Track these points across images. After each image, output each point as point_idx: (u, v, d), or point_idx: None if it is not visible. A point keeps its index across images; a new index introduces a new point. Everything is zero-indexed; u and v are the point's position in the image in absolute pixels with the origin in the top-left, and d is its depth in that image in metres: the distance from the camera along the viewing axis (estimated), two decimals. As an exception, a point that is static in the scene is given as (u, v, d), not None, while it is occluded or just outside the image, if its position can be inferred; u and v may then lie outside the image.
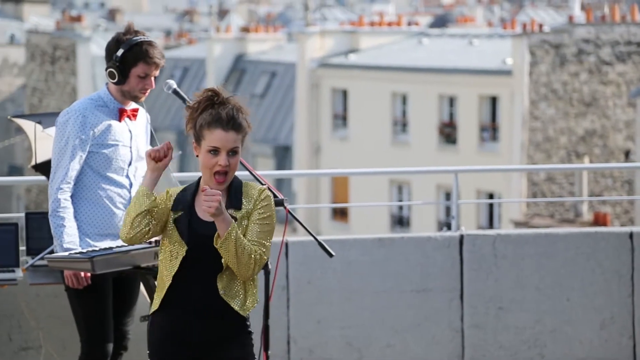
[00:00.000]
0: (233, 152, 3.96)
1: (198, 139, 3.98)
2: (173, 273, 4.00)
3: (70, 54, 39.70)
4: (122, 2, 70.24)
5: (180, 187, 4.06)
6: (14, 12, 57.61)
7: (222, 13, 57.81)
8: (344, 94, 32.89)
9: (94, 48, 39.44)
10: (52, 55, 40.30)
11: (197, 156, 4.00)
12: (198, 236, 3.97)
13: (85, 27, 41.20)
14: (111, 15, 59.42)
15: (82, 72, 39.44)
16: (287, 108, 34.46)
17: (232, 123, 3.96)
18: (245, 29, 39.28)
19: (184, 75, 36.68)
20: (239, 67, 37.21)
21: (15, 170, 41.02)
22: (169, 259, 4.02)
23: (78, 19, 41.84)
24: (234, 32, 38.98)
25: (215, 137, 3.93)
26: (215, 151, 3.94)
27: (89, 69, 39.33)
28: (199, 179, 4.03)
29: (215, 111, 3.95)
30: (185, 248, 3.97)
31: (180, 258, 3.98)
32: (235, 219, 3.97)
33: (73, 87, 39.62)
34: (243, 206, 4.00)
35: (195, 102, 4.00)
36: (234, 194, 4.01)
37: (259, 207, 4.00)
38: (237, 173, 6.63)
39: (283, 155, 33.89)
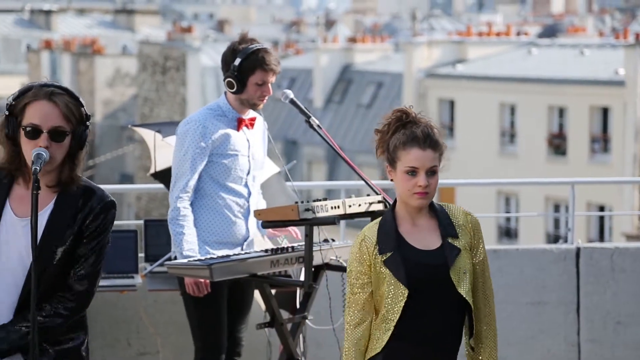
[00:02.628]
0: (432, 171, 3.67)
1: (392, 162, 3.69)
2: (397, 317, 3.65)
3: (181, 65, 40.32)
4: (231, 13, 71.09)
5: (373, 225, 3.75)
6: (126, 23, 58.86)
7: (329, 23, 58.04)
8: (451, 104, 32.70)
9: (203, 58, 40.01)
10: (163, 66, 40.99)
11: (392, 180, 3.72)
12: (419, 271, 3.66)
13: (195, 37, 41.84)
14: (220, 26, 60.23)
15: (192, 82, 40.02)
16: (394, 118, 34.39)
17: (429, 141, 3.67)
18: (352, 39, 39.37)
19: (290, 85, 36.92)
20: (346, 77, 37.29)
21: (126, 179, 41.81)
22: (390, 302, 3.67)
23: (188, 29, 42.51)
24: (340, 43, 39.11)
25: (412, 156, 3.65)
26: (413, 172, 3.66)
27: (199, 79, 39.89)
28: (393, 207, 3.76)
29: (408, 130, 3.68)
30: (407, 292, 3.64)
31: (403, 301, 3.65)
32: (458, 249, 3.69)
33: (183, 97, 40.23)
34: (460, 235, 3.72)
35: (384, 124, 3.74)
36: (443, 218, 3.73)
37: (476, 236, 3.74)
38: (351, 182, 6.65)
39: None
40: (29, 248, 3.53)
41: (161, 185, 5.99)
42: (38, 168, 3.47)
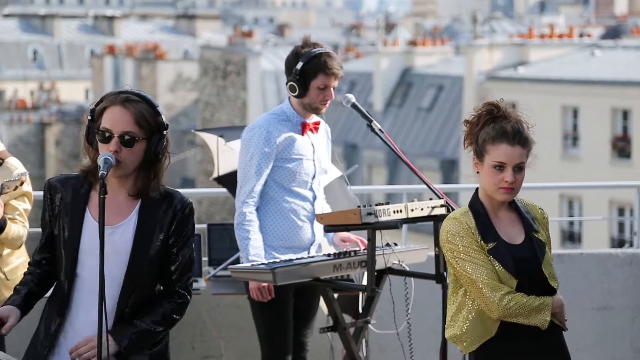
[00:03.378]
0: (519, 167, 3.72)
1: (480, 155, 3.74)
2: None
3: (241, 69, 40.53)
4: (291, 17, 71.33)
5: (464, 211, 3.80)
6: (187, 28, 59.34)
7: (389, 27, 57.94)
8: (513, 107, 32.41)
9: (263, 63, 40.16)
10: (223, 70, 41.23)
11: (477, 172, 3.78)
12: (521, 262, 3.71)
13: (255, 42, 42.02)
14: (280, 30, 60.48)
15: (252, 86, 40.20)
16: (454, 121, 34.23)
17: (519, 137, 3.73)
18: (412, 43, 39.27)
19: (350, 89, 36.90)
20: (406, 80, 37.20)
21: (187, 183, 42.11)
22: None
23: (249, 34, 42.72)
24: (401, 46, 39.02)
25: (501, 152, 3.70)
26: (500, 167, 3.71)
27: (259, 84, 40.05)
28: (479, 200, 3.80)
29: (498, 125, 3.72)
30: (515, 282, 3.69)
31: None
32: (544, 243, 3.77)
33: (243, 101, 40.42)
34: (540, 229, 3.80)
35: (475, 116, 3.79)
36: (524, 212, 3.80)
37: (548, 231, 3.83)
38: (413, 186, 6.63)
39: (449, 169, 33.68)
40: (118, 254, 3.60)
41: (222, 190, 6.02)
42: (105, 173, 3.52)
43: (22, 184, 4.73)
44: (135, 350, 3.62)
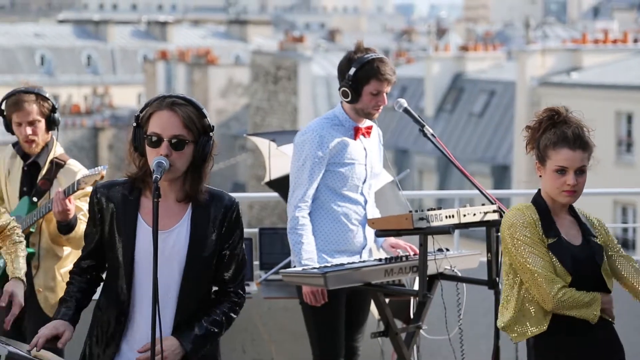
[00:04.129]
0: (580, 171, 3.85)
1: (542, 160, 3.87)
2: None
3: (292, 74, 40.62)
4: (342, 22, 71.39)
5: (530, 207, 3.90)
6: (239, 33, 59.63)
7: (441, 32, 57.79)
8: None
9: (314, 68, 40.22)
10: (274, 75, 41.35)
11: (540, 176, 3.90)
12: (579, 261, 3.85)
13: (306, 47, 42.09)
14: (331, 35, 60.54)
15: (303, 91, 40.27)
16: (506, 127, 34.03)
17: (579, 142, 3.85)
18: (464, 48, 39.10)
19: (402, 94, 36.84)
20: (457, 85, 37.05)
21: (238, 187, 42.28)
22: None
23: (300, 39, 42.81)
24: (452, 51, 38.88)
25: (562, 156, 3.83)
26: (562, 171, 3.84)
27: (310, 89, 40.11)
28: (543, 201, 3.90)
29: (559, 130, 3.85)
30: (570, 278, 3.82)
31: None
32: (601, 246, 3.90)
33: (294, 107, 40.50)
34: (597, 235, 3.93)
35: (536, 122, 3.94)
36: (581, 218, 3.93)
37: (607, 233, 3.93)
38: (465, 191, 6.60)
39: (501, 174, 33.48)
40: (173, 258, 3.62)
41: (273, 194, 6.03)
42: (159, 176, 3.53)
43: (101, 178, 4.80)
44: (198, 352, 3.64)
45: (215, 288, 3.76)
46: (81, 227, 4.99)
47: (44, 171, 5.18)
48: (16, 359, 3.36)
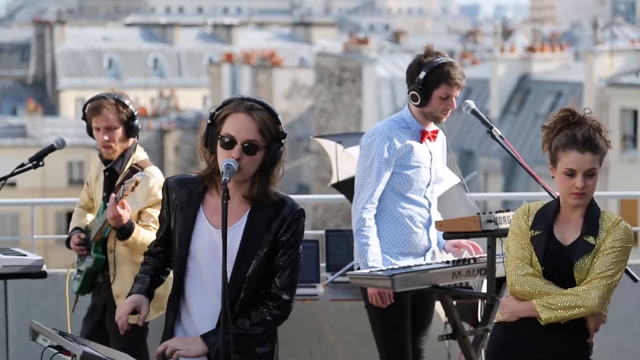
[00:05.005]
0: (590, 174, 3.87)
1: (553, 161, 3.92)
2: None
3: (357, 76, 40.61)
4: (407, 24, 71.21)
5: (541, 203, 4.01)
6: (304, 35, 59.79)
7: (507, 33, 57.35)
8: (634, 114, 31.71)
9: (379, 69, 40.17)
10: (339, 77, 41.37)
11: (553, 177, 3.95)
12: (555, 258, 3.91)
13: (371, 49, 42.03)
14: (396, 37, 60.41)
15: (368, 93, 40.24)
16: (573, 128, 33.67)
17: (589, 144, 3.86)
18: (530, 49, 38.75)
19: (467, 95, 36.64)
20: (524, 87, 36.74)
21: (302, 189, 42.37)
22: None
23: (364, 41, 42.77)
24: (518, 52, 38.57)
25: (571, 159, 3.86)
26: (571, 173, 3.87)
27: (374, 90, 40.07)
28: (558, 199, 3.98)
29: (571, 132, 3.87)
30: (542, 269, 3.92)
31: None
32: (592, 246, 3.90)
33: (359, 108, 40.49)
34: (600, 235, 3.91)
35: (551, 122, 3.95)
36: (590, 219, 3.93)
37: (610, 238, 3.90)
38: (532, 193, 6.54)
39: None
40: (228, 258, 3.61)
41: (337, 196, 6.04)
42: (227, 178, 3.56)
43: (136, 184, 4.83)
44: (229, 352, 3.61)
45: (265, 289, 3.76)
46: (142, 233, 5.02)
47: (121, 177, 5.22)
48: (90, 359, 3.40)
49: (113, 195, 4.97)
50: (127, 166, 5.21)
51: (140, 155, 5.27)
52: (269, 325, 3.69)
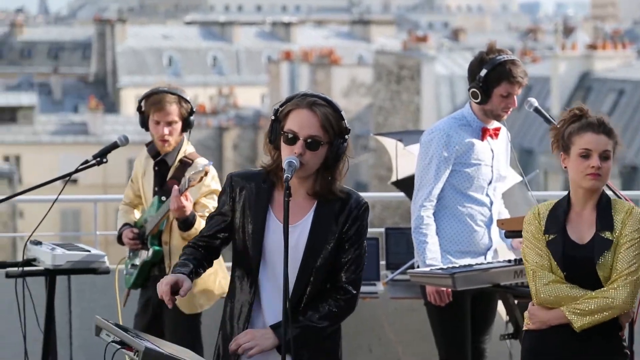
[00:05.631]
0: (605, 156, 3.87)
1: (566, 148, 3.92)
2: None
3: (415, 74, 40.50)
4: (466, 21, 70.82)
5: (550, 203, 3.96)
6: (362, 33, 59.75)
7: (568, 30, 56.79)
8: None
9: (438, 67, 40.03)
10: (397, 75, 41.30)
11: (565, 168, 3.93)
12: (574, 260, 3.87)
13: (430, 47, 41.89)
14: (455, 34, 60.10)
15: (426, 91, 40.11)
16: (635, 127, 33.25)
17: (603, 127, 3.90)
18: (592, 46, 38.35)
19: (527, 93, 36.34)
20: (585, 85, 36.38)
21: (360, 187, 42.34)
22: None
23: (423, 39, 42.64)
24: (579, 50, 38.20)
25: (586, 139, 3.87)
26: (586, 155, 3.87)
27: (433, 88, 39.93)
28: (567, 196, 3.94)
29: (583, 119, 3.92)
30: (563, 275, 3.88)
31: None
32: (610, 241, 3.86)
33: (417, 106, 40.38)
34: (615, 228, 3.88)
35: (560, 121, 3.97)
36: (603, 211, 3.89)
37: (627, 230, 3.85)
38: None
39: (630, 175, 32.73)
40: (295, 252, 3.65)
41: (395, 194, 6.03)
42: (289, 176, 3.57)
43: (206, 174, 4.87)
44: (298, 345, 3.64)
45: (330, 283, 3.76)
46: (202, 224, 5.06)
47: (172, 170, 5.28)
48: (153, 355, 3.42)
49: (176, 187, 5.01)
50: (177, 159, 5.27)
51: (188, 148, 5.33)
52: (335, 319, 3.70)
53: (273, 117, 3.70)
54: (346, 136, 3.68)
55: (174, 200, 4.99)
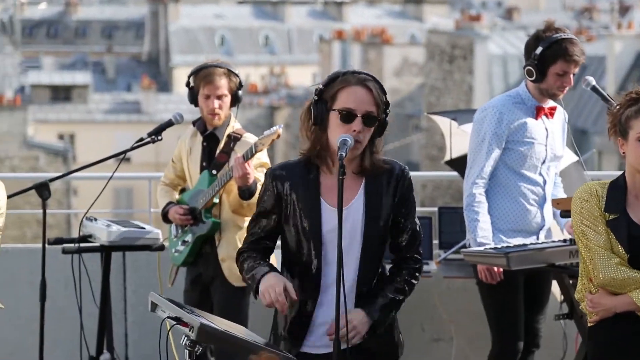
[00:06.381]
0: None
1: (624, 133, 3.77)
2: None
3: (468, 53, 40.22)
4: (519, 0, 70.08)
5: (603, 183, 3.86)
6: (414, 13, 59.41)
7: (623, 9, 56.03)
8: None
9: (491, 47, 39.72)
10: (450, 54, 41.05)
11: (623, 154, 3.81)
12: (635, 240, 3.73)
13: (483, 26, 41.57)
14: (508, 14, 59.55)
15: (479, 70, 39.84)
16: (692, 107, 32.78)
17: None
18: (648, 25, 37.84)
19: (582, 73, 35.89)
20: (640, 64, 35.91)
21: (411, 167, 42.17)
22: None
23: (477, 18, 42.32)
24: (636, 29, 37.69)
25: None
26: None
27: (486, 68, 39.65)
28: (622, 177, 3.85)
29: None
30: (627, 256, 3.73)
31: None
32: None
33: (469, 86, 40.12)
34: None
35: (617, 105, 3.86)
36: None
37: None
38: None
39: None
40: (352, 232, 3.67)
41: (446, 173, 6.02)
42: (344, 154, 3.57)
43: (278, 136, 4.90)
44: (384, 321, 3.69)
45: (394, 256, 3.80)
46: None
47: (221, 145, 5.31)
48: (208, 331, 3.45)
49: (239, 155, 5.04)
50: (226, 134, 5.30)
51: (235, 124, 5.36)
52: (410, 289, 3.78)
53: (316, 98, 3.67)
54: (388, 110, 3.71)
55: (238, 167, 5.01)
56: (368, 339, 3.69)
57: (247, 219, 5.26)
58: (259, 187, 4.98)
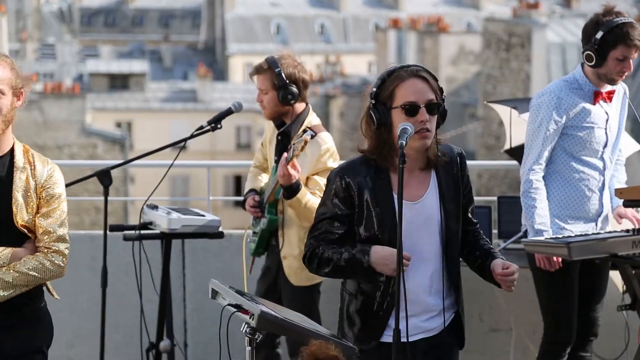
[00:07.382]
0: None
1: None
2: None
3: (526, 41, 39.87)
4: (578, -12, 69.22)
5: None
6: (471, 1, 59.04)
7: (684, -4, 55.15)
8: None
9: (549, 35, 39.33)
10: (507, 43, 40.72)
11: None
12: None
13: (541, 14, 41.17)
14: (567, 1, 58.93)
15: (537, 59, 39.47)
16: None
17: None
18: None
19: (641, 61, 35.51)
20: (702, 52, 35.38)
21: (468, 156, 41.74)
22: None
23: (535, 5, 41.91)
24: (697, 16, 37.08)
25: None
26: None
27: (544, 56, 39.28)
28: None
29: None
30: None
31: None
32: None
33: (527, 74, 39.77)
34: None
35: None
36: None
37: None
38: None
39: None
40: (431, 224, 3.75)
41: (503, 162, 5.97)
42: (404, 142, 3.60)
43: (305, 143, 4.86)
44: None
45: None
46: (308, 196, 5.04)
47: (293, 141, 5.26)
48: (268, 318, 3.46)
49: (284, 155, 5.02)
50: (300, 130, 5.25)
51: (313, 120, 5.31)
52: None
53: (373, 102, 3.70)
54: (443, 96, 3.78)
55: (280, 167, 5.01)
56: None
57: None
58: (318, 194, 4.98)
